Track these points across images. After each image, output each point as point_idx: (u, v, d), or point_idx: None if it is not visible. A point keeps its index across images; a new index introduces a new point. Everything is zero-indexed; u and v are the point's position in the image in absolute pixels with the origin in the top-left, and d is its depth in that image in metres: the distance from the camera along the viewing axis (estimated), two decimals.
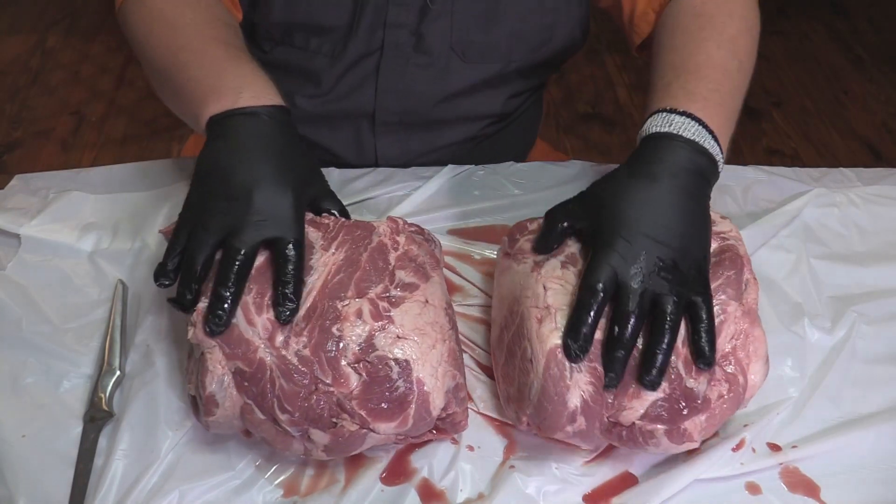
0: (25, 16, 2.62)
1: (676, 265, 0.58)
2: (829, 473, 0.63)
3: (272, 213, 0.60)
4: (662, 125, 0.63)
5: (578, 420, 0.57)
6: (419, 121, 0.92)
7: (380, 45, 0.86)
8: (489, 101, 0.93)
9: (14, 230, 0.79)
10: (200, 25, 0.73)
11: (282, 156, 0.63)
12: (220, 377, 0.57)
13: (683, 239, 0.59)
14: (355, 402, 0.57)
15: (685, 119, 0.63)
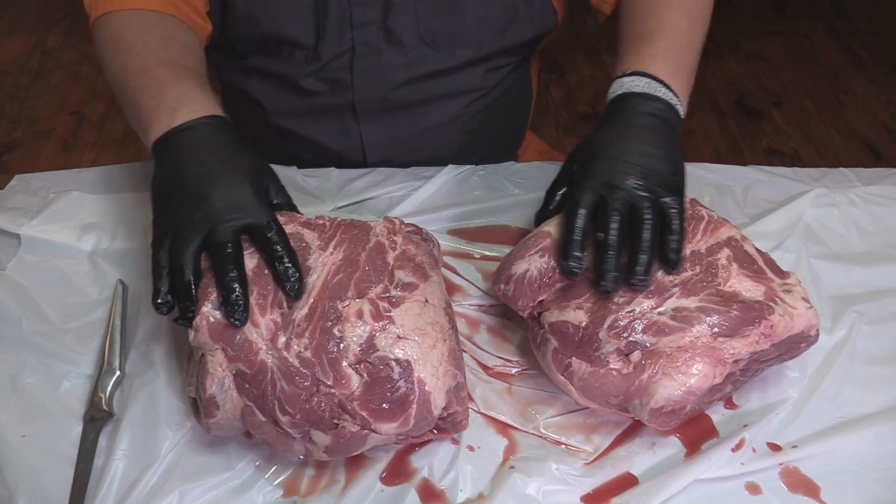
0: (25, 16, 2.61)
1: (646, 176, 0.65)
2: (829, 473, 0.63)
3: (236, 204, 0.62)
4: (616, 90, 0.71)
5: (510, 285, 0.67)
6: (400, 104, 0.92)
7: (350, 45, 0.87)
8: (467, 78, 0.93)
9: (14, 230, 0.80)
10: (152, 48, 0.75)
11: (226, 156, 0.65)
12: (220, 379, 0.57)
13: (649, 159, 0.66)
14: (356, 402, 0.57)
15: (635, 77, 0.70)
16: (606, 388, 0.62)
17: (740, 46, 2.54)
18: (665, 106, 0.70)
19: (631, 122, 0.68)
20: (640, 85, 0.70)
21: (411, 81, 0.91)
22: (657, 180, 0.65)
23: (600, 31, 2.57)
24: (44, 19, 2.59)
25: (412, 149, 0.96)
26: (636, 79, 0.70)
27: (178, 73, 0.72)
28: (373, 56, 0.88)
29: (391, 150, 0.96)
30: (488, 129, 0.99)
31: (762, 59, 2.51)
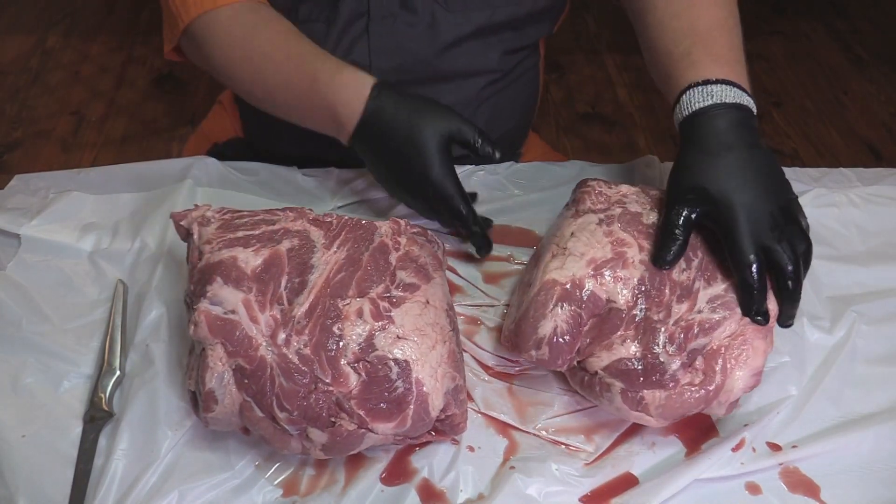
0: (25, 16, 2.61)
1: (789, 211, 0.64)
2: (829, 473, 0.63)
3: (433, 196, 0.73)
4: (704, 99, 0.68)
5: (543, 348, 0.62)
6: (416, 79, 0.92)
7: (366, 7, 0.87)
8: (483, 56, 0.93)
9: (14, 230, 0.79)
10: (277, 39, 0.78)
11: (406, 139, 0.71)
12: (220, 374, 0.57)
13: (775, 183, 0.66)
14: (354, 401, 0.57)
15: (721, 87, 0.68)
16: (687, 404, 0.61)
17: None
18: (751, 114, 0.68)
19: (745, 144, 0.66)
20: (729, 95, 0.68)
21: (427, 54, 0.90)
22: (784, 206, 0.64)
23: (600, 31, 2.57)
24: (44, 19, 2.59)
25: None
26: (723, 88, 0.68)
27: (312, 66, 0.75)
28: (387, 20, 0.87)
29: None
30: (497, 120, 0.99)
31: (762, 59, 2.51)
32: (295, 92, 0.76)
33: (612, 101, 2.34)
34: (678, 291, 0.64)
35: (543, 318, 0.62)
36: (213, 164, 0.89)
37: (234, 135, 1.07)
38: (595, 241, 0.65)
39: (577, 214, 0.69)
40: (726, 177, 0.64)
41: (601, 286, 0.63)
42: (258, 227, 0.65)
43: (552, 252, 0.66)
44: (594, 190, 0.71)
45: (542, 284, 0.63)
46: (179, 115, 2.22)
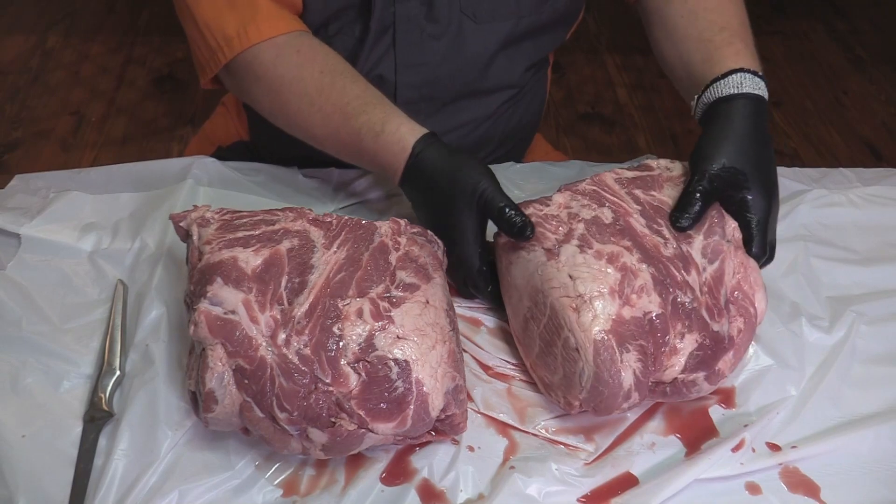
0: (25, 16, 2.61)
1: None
2: (829, 473, 0.63)
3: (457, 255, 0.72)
4: (753, 86, 0.73)
5: (633, 396, 0.61)
6: (440, 95, 0.92)
7: (392, 20, 0.86)
8: (507, 72, 0.93)
9: (14, 230, 0.79)
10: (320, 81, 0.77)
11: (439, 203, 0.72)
12: (220, 374, 0.57)
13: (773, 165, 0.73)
14: (354, 401, 0.57)
15: (759, 80, 0.74)
16: (744, 347, 0.66)
17: None
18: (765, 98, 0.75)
19: (766, 132, 0.73)
20: (761, 88, 0.74)
21: (452, 68, 0.89)
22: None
23: (600, 31, 2.57)
24: (44, 19, 2.59)
25: None
26: (758, 81, 0.74)
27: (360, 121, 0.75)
28: (414, 34, 0.87)
29: None
30: (509, 129, 1.00)
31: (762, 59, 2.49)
32: (342, 144, 0.77)
33: (612, 101, 2.34)
34: (681, 265, 0.65)
35: (620, 373, 0.60)
36: (213, 164, 0.89)
37: (238, 138, 1.07)
38: (597, 271, 0.63)
39: (552, 254, 0.65)
40: (766, 169, 0.71)
41: (635, 307, 0.62)
42: (258, 227, 0.65)
43: (571, 307, 0.62)
44: (539, 223, 0.68)
45: (595, 344, 0.60)
46: (179, 115, 2.22)
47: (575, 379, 0.62)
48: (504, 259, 0.71)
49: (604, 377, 0.60)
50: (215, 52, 0.79)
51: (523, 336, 0.69)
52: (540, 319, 0.65)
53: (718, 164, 0.69)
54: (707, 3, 0.81)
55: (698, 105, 0.76)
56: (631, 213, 0.68)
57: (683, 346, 0.62)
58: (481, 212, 0.69)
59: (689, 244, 0.67)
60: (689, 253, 0.66)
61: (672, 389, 0.64)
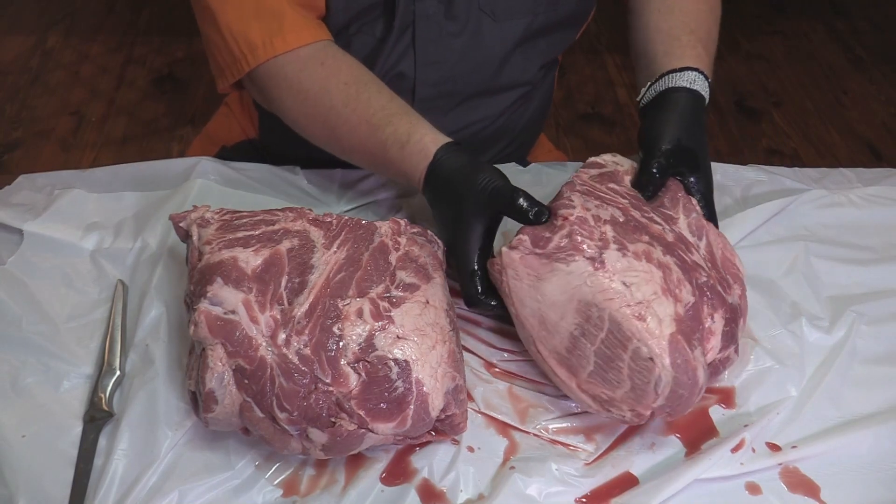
0: (25, 16, 2.61)
1: None
2: (829, 473, 0.63)
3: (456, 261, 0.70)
4: (703, 88, 0.78)
5: (703, 389, 0.62)
6: (457, 92, 0.92)
7: (412, 18, 0.86)
8: (522, 70, 0.94)
9: (17, 226, 0.79)
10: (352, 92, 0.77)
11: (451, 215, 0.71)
12: (220, 374, 0.57)
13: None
14: (354, 401, 0.57)
15: (706, 84, 0.79)
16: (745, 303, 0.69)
17: (740, 46, 2.54)
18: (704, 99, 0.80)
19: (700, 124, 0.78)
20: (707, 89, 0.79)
21: (470, 65, 0.90)
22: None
23: (600, 31, 2.57)
24: (44, 19, 2.59)
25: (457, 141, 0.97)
26: (706, 84, 0.79)
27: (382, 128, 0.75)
28: (433, 31, 0.87)
29: None
30: (519, 127, 1.01)
31: (762, 59, 2.51)
32: (368, 154, 0.77)
33: (612, 101, 2.34)
34: (684, 247, 0.66)
35: (696, 372, 0.60)
36: (217, 165, 0.89)
37: (243, 137, 1.07)
38: (644, 273, 0.62)
39: (598, 263, 0.62)
40: (706, 153, 0.77)
41: (680, 301, 0.62)
42: (258, 227, 0.65)
43: (635, 315, 0.60)
44: (574, 230, 0.64)
45: (669, 350, 0.59)
46: (179, 115, 2.22)
47: (648, 388, 0.59)
48: (527, 277, 0.64)
49: (682, 380, 0.59)
50: (238, 59, 0.79)
51: (569, 357, 0.63)
52: (595, 335, 0.61)
53: (673, 142, 0.73)
54: (684, 6, 0.85)
55: (648, 91, 0.80)
56: (628, 207, 0.68)
57: (716, 326, 0.63)
58: (491, 206, 0.68)
59: (676, 225, 0.68)
60: (681, 234, 0.67)
61: (711, 371, 0.64)
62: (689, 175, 0.74)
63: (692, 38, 0.82)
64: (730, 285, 0.67)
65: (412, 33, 0.87)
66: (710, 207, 0.75)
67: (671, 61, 0.79)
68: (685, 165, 0.74)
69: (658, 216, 0.68)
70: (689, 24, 0.83)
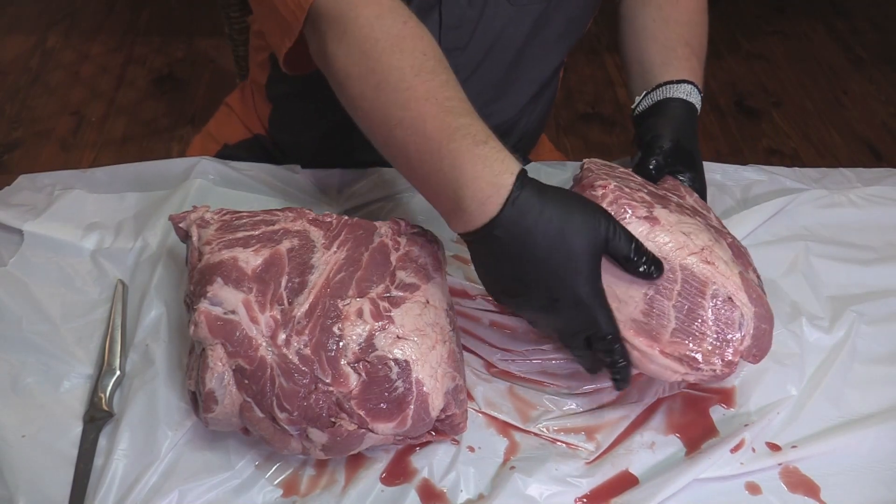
0: (25, 16, 2.61)
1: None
2: (829, 473, 0.63)
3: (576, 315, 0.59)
4: (697, 100, 0.80)
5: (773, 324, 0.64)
6: (476, 83, 0.89)
7: (438, 1, 0.83)
8: (539, 63, 0.94)
9: (18, 226, 0.79)
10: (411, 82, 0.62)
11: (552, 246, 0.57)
12: (220, 374, 0.57)
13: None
14: (354, 401, 0.57)
15: (699, 97, 0.81)
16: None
17: (740, 46, 2.54)
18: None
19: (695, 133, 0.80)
20: (699, 102, 0.81)
21: (488, 53, 0.88)
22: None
23: (600, 32, 2.57)
24: (44, 19, 2.59)
25: None
26: (699, 97, 0.81)
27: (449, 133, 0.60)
28: (456, 14, 0.84)
29: None
30: (530, 126, 1.01)
31: (762, 59, 2.51)
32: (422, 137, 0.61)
33: (612, 101, 2.35)
34: (705, 212, 0.69)
35: (767, 303, 0.63)
36: (216, 165, 0.89)
37: (245, 136, 1.07)
38: (693, 223, 0.64)
39: (654, 220, 0.62)
40: (700, 162, 0.78)
41: (727, 243, 0.65)
42: (258, 227, 0.65)
43: (704, 260, 0.61)
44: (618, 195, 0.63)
45: (744, 287, 0.61)
46: (179, 115, 2.22)
47: (734, 329, 0.60)
48: None
49: (762, 313, 0.61)
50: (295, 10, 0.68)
51: (648, 321, 0.60)
52: (671, 289, 0.60)
53: (673, 142, 0.75)
54: (679, 17, 0.86)
55: (644, 99, 0.81)
56: (644, 183, 0.69)
57: (752, 278, 0.65)
58: (603, 249, 0.59)
59: (684, 203, 0.70)
60: (694, 206, 0.69)
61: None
62: (685, 175, 0.75)
63: (687, 51, 0.83)
64: (741, 257, 0.68)
65: (438, 19, 0.83)
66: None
67: (668, 72, 0.81)
68: (682, 165, 0.75)
69: (670, 193, 0.70)
70: (684, 36, 0.85)
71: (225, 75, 2.30)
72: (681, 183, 0.75)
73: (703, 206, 0.72)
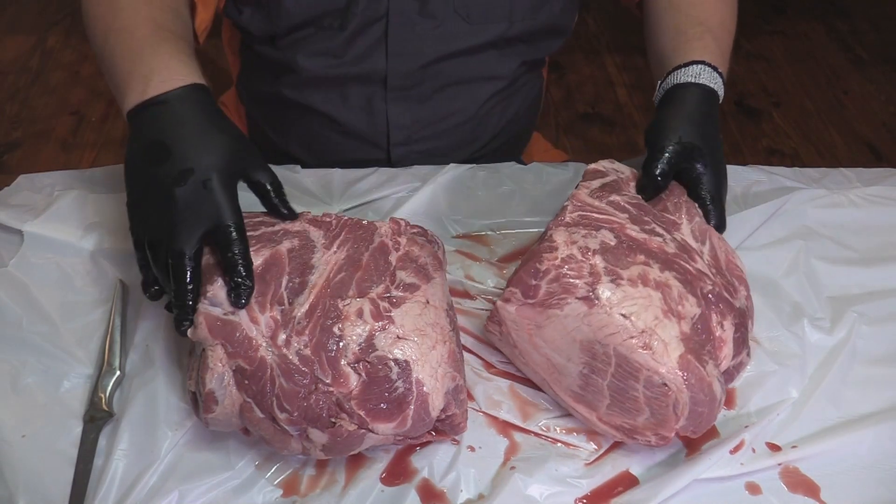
0: (25, 16, 2.61)
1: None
2: (829, 473, 0.63)
3: (200, 205, 0.60)
4: (711, 80, 0.77)
5: (722, 401, 0.62)
6: (429, 83, 0.92)
7: (385, 11, 0.86)
8: (499, 65, 0.94)
9: (17, 226, 0.79)
10: (138, 6, 0.71)
11: (197, 141, 0.62)
12: (220, 374, 0.57)
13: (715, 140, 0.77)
14: (354, 402, 0.57)
15: (714, 74, 0.77)
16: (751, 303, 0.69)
17: (740, 46, 2.54)
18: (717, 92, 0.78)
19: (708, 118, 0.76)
20: (719, 83, 0.78)
21: (442, 59, 0.90)
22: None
23: (600, 31, 2.57)
24: (44, 19, 2.59)
25: (434, 133, 0.96)
26: (718, 78, 0.78)
27: (156, 35, 0.69)
28: (406, 27, 0.87)
29: (415, 132, 0.96)
30: (504, 122, 1.00)
31: (762, 59, 2.51)
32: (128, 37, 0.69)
33: (612, 101, 2.34)
34: (686, 256, 0.65)
35: (712, 387, 0.60)
36: None
37: None
38: (641, 298, 0.61)
39: (591, 301, 0.61)
40: (717, 147, 0.75)
41: (685, 318, 0.61)
42: (257, 228, 0.65)
43: (640, 346, 0.59)
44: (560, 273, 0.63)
45: (681, 371, 0.59)
46: None
47: (668, 412, 0.59)
48: (526, 327, 0.64)
49: (700, 398, 0.59)
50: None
51: (584, 394, 0.63)
52: (605, 370, 0.61)
53: (675, 138, 0.72)
54: (681, 3, 0.85)
55: (658, 90, 0.80)
56: (624, 224, 0.67)
57: (727, 333, 0.63)
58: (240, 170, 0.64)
59: (679, 232, 0.68)
60: (684, 241, 0.67)
61: (726, 378, 0.64)
62: (695, 171, 0.73)
63: (699, 30, 0.81)
64: (736, 289, 0.66)
65: (385, 27, 0.87)
66: (718, 206, 0.73)
67: (678, 57, 0.79)
68: (689, 162, 0.73)
69: (660, 226, 0.67)
70: (698, 17, 0.83)
71: (224, 75, 2.30)
72: (686, 193, 0.73)
73: (700, 233, 0.69)
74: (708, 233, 0.70)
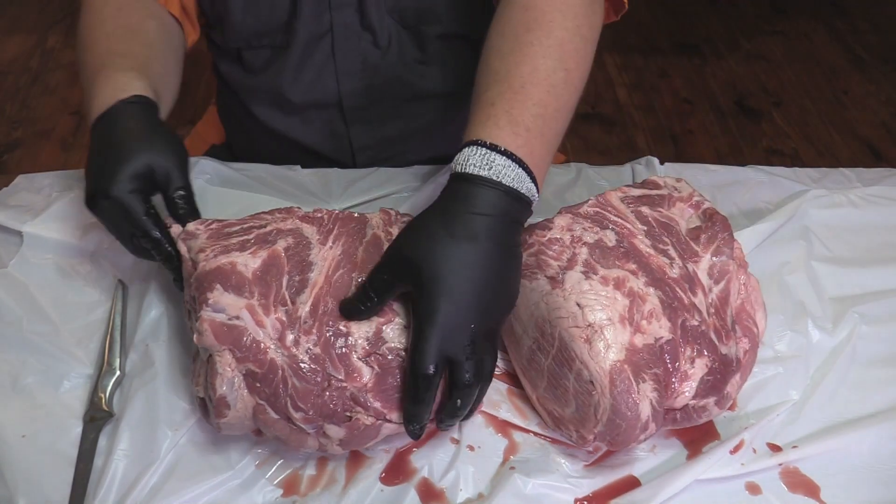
0: (25, 16, 2.61)
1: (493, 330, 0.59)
2: (829, 473, 0.63)
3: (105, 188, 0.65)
4: (483, 165, 0.58)
5: (650, 427, 0.58)
6: (388, 97, 0.91)
7: (328, 27, 0.86)
8: (453, 73, 0.92)
9: (17, 227, 0.79)
10: (99, 38, 0.77)
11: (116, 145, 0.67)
12: (230, 379, 0.57)
13: (499, 298, 0.58)
14: (370, 394, 0.58)
15: (507, 161, 0.58)
16: (749, 367, 0.65)
17: (740, 46, 2.54)
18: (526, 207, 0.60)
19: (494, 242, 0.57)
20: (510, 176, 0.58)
21: (394, 70, 0.89)
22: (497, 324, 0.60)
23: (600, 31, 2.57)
24: (44, 19, 2.59)
25: (404, 149, 0.95)
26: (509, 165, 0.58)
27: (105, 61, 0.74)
28: (352, 41, 0.87)
29: (381, 152, 0.95)
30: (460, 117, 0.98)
31: (762, 59, 2.51)
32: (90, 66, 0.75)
33: (612, 101, 2.34)
34: (687, 286, 0.63)
35: (638, 404, 0.57)
36: (216, 165, 0.89)
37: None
38: (605, 298, 0.60)
39: (556, 283, 0.62)
40: (450, 268, 0.55)
41: (646, 334, 0.60)
42: (250, 231, 0.64)
43: (582, 337, 0.59)
44: (541, 250, 0.64)
45: (610, 374, 0.57)
46: (179, 115, 2.20)
47: (589, 412, 0.59)
48: None
49: (621, 409, 0.57)
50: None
51: (528, 369, 0.65)
52: (548, 351, 0.62)
53: (395, 249, 0.59)
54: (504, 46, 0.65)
55: None
56: (636, 233, 0.66)
57: (694, 372, 0.60)
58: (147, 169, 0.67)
59: (696, 264, 0.65)
60: (695, 273, 0.64)
61: (682, 416, 0.61)
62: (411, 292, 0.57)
63: (492, 93, 0.62)
64: (731, 337, 0.63)
65: (331, 44, 0.87)
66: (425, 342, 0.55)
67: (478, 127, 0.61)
68: (401, 279, 0.58)
69: (676, 250, 0.65)
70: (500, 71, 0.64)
71: None
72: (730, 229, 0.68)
73: (720, 272, 0.65)
74: (729, 276, 0.65)
